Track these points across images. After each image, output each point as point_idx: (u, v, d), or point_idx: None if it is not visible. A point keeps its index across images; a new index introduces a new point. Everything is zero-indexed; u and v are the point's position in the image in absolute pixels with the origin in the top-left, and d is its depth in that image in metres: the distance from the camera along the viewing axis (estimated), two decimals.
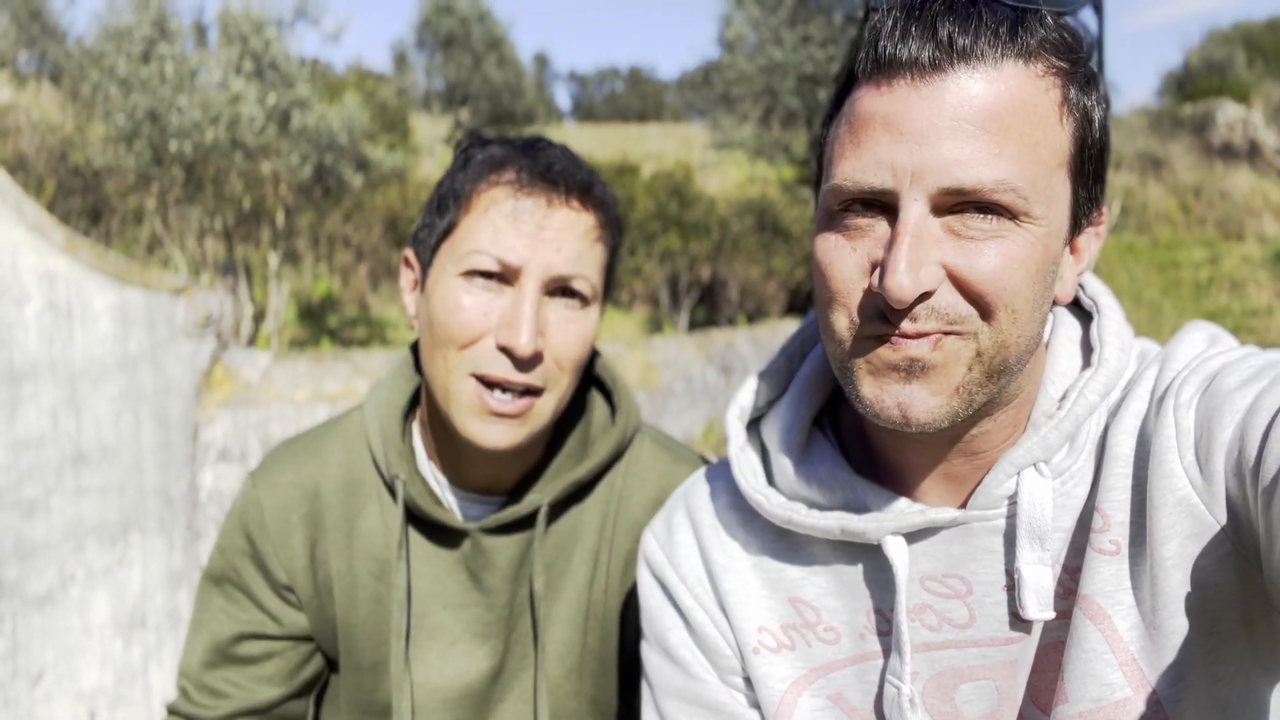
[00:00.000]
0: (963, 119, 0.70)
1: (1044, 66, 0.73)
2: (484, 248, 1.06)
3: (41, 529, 2.57)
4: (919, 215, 0.71)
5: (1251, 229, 14.82)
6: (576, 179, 1.10)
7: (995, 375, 0.75)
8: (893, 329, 0.73)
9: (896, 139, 0.71)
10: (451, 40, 19.09)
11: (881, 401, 0.75)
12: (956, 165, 0.70)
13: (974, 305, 0.73)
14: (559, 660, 1.19)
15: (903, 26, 0.72)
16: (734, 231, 12.28)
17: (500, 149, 1.12)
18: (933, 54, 0.71)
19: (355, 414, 1.26)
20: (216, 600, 1.23)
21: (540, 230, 1.06)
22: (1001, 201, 0.71)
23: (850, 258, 0.75)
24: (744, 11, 11.57)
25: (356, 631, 1.21)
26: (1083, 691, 0.76)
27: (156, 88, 7.36)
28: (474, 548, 1.17)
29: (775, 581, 0.91)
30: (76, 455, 2.62)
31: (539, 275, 1.06)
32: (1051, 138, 0.73)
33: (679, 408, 5.25)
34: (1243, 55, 23.76)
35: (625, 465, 1.23)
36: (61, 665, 2.61)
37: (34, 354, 2.55)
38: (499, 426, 1.06)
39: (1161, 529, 0.73)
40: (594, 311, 1.13)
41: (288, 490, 1.21)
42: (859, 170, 0.73)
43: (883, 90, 0.73)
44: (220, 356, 2.97)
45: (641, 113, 41.67)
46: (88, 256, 2.64)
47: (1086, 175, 0.77)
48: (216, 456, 2.93)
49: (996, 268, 0.72)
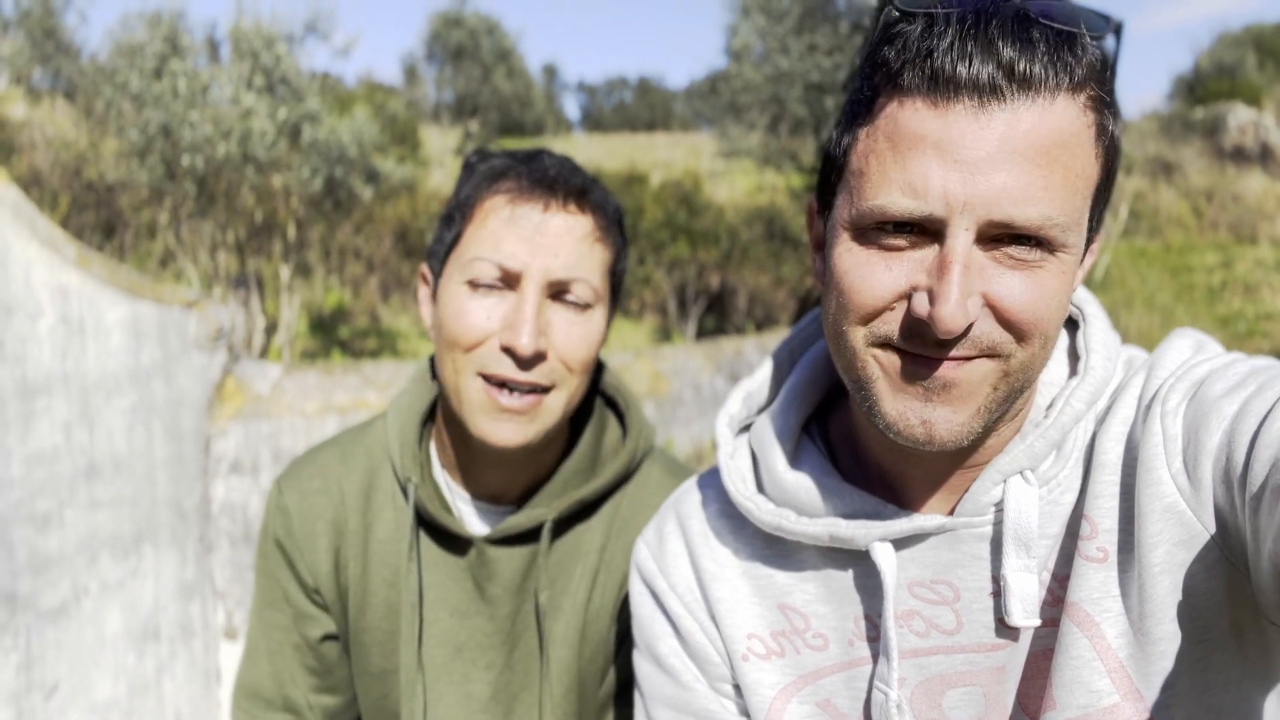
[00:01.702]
0: (1017, 151, 0.69)
1: (1087, 97, 0.72)
2: (485, 255, 1.09)
3: (55, 542, 2.59)
4: (966, 245, 0.71)
5: (1265, 232, 14.71)
6: (572, 184, 1.13)
7: (1016, 394, 0.77)
8: (925, 351, 0.73)
9: (950, 166, 0.70)
10: (461, 52, 19.20)
11: (906, 419, 0.75)
12: (1008, 200, 0.69)
13: (1010, 333, 0.73)
14: (559, 678, 1.20)
15: (960, 44, 0.69)
16: (742, 240, 12.28)
17: (500, 160, 1.16)
18: (992, 78, 0.69)
19: (379, 422, 1.29)
20: (267, 614, 1.27)
21: (538, 235, 1.09)
22: (1046, 236, 0.71)
23: (885, 276, 0.74)
24: (751, 21, 11.58)
25: (366, 637, 1.22)
26: (1071, 698, 0.77)
27: (169, 103, 7.43)
28: (479, 557, 1.19)
29: (765, 588, 0.92)
30: (89, 468, 2.65)
31: (539, 279, 1.09)
32: (1088, 169, 0.73)
33: (688, 416, 5.25)
34: (1253, 58, 23.62)
35: (632, 489, 1.25)
36: (75, 678, 2.63)
37: (47, 368, 2.58)
38: (509, 424, 1.09)
39: (1150, 536, 0.74)
40: (598, 314, 1.15)
41: (314, 498, 1.24)
42: (906, 195, 0.71)
43: (939, 110, 0.70)
44: (231, 369, 2.99)
45: (650, 122, 41.74)
46: (100, 271, 2.68)
47: (1101, 202, 0.77)
48: (228, 469, 2.96)
49: (1035, 299, 0.72)
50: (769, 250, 12.53)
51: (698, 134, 20.26)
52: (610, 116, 52.41)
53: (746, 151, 12.23)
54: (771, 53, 11.27)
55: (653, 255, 11.98)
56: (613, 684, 1.23)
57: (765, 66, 11.37)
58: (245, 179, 7.89)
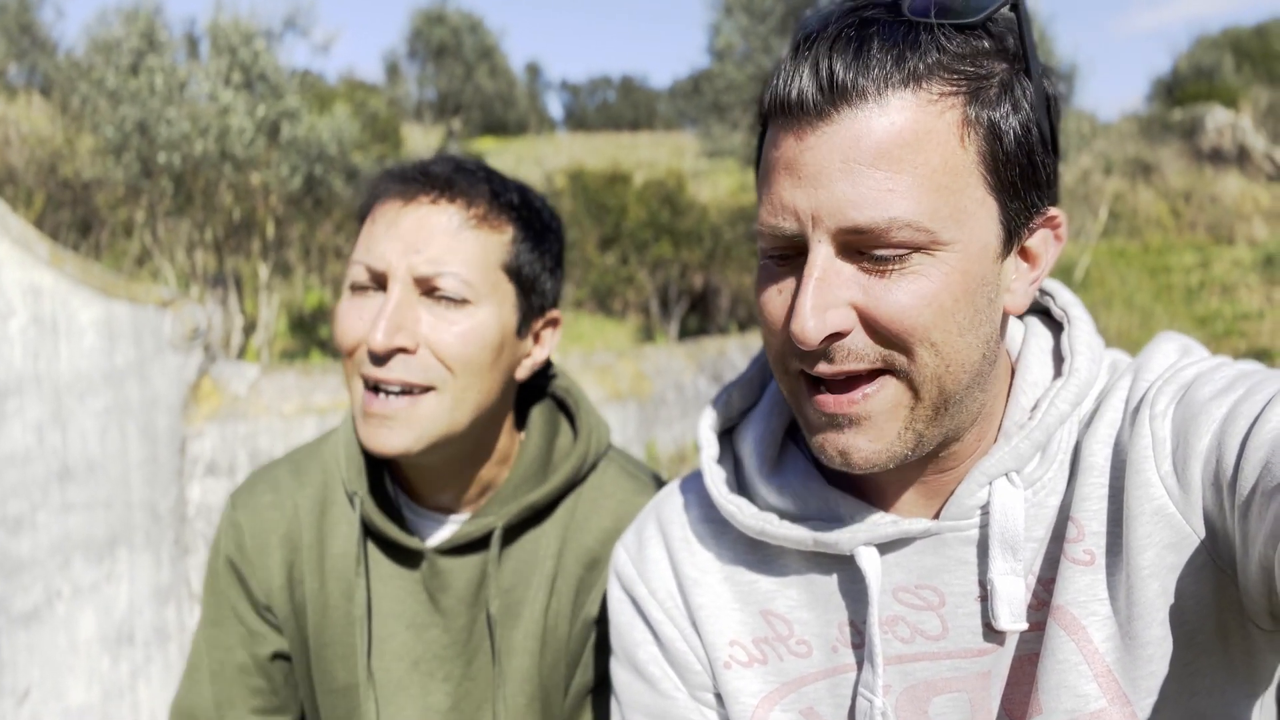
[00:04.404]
0: (853, 159, 0.70)
1: (937, 89, 0.71)
2: (358, 257, 1.09)
3: (27, 545, 2.55)
4: (825, 257, 0.72)
5: (1242, 233, 14.89)
6: (438, 176, 1.10)
7: (942, 409, 0.75)
8: (818, 370, 0.75)
9: (796, 184, 0.72)
10: (443, 50, 19.13)
11: (824, 449, 0.77)
12: (850, 206, 0.70)
13: (889, 345, 0.73)
14: (519, 689, 1.17)
15: (791, 66, 0.72)
16: (726, 240, 12.29)
17: (394, 169, 1.15)
18: (815, 96, 0.70)
19: (334, 435, 1.27)
20: (213, 633, 1.24)
21: (397, 230, 1.08)
22: (899, 239, 0.70)
23: (777, 299, 0.77)
24: (733, 20, 11.61)
25: (328, 652, 1.20)
26: (1057, 703, 0.76)
27: (146, 100, 7.35)
28: (431, 569, 1.16)
29: (747, 594, 0.90)
30: (63, 470, 2.61)
31: (402, 276, 1.07)
32: (952, 161, 0.71)
33: (670, 417, 5.24)
34: (1231, 61, 23.91)
35: (587, 490, 1.22)
36: (48, 683, 2.59)
37: (19, 369, 2.54)
38: (381, 428, 1.06)
39: (1138, 538, 0.73)
40: (481, 311, 1.09)
41: (266, 512, 1.22)
42: (770, 215, 0.74)
43: (786, 132, 0.73)
44: (208, 369, 2.96)
45: (633, 121, 41.72)
46: (73, 270, 2.63)
47: (1012, 185, 0.74)
48: (204, 470, 2.92)
49: (905, 306, 0.71)
50: (752, 250, 12.54)
51: (681, 133, 20.28)
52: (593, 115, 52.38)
53: (730, 151, 12.25)
54: (755, 52, 11.30)
55: (635, 255, 11.97)
56: (577, 691, 1.21)
57: (748, 66, 11.40)
58: (223, 176, 7.83)
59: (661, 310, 11.89)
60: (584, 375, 4.64)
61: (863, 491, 0.87)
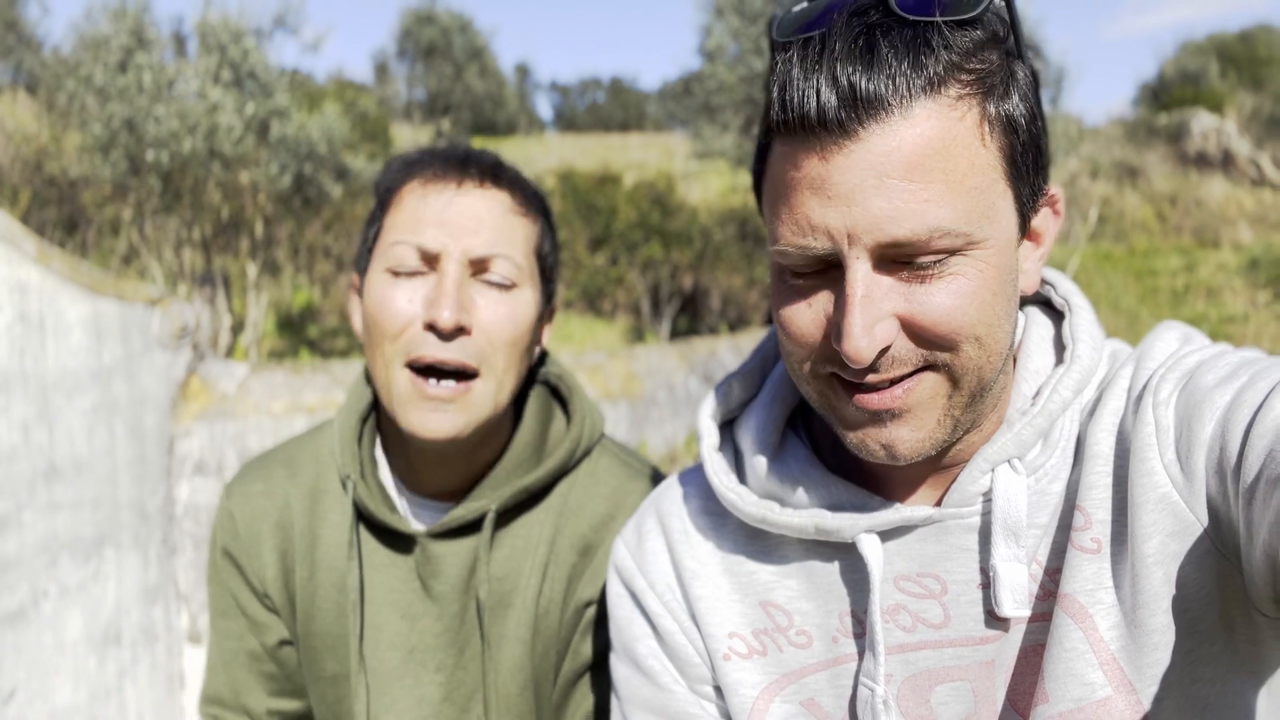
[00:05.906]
0: (885, 175, 0.69)
1: (955, 92, 0.70)
2: (404, 238, 1.08)
3: (13, 544, 2.52)
4: (865, 273, 0.71)
5: (1227, 236, 15.02)
6: (484, 162, 1.13)
7: (977, 395, 0.76)
8: (860, 379, 0.74)
9: (825, 203, 0.70)
10: (433, 50, 19.10)
11: (866, 445, 0.77)
12: (888, 221, 0.69)
13: (932, 346, 0.73)
14: (512, 677, 1.17)
15: (805, 77, 0.70)
16: (716, 240, 12.31)
17: (414, 153, 1.17)
18: (837, 113, 0.68)
19: (327, 427, 1.27)
20: (221, 624, 1.25)
21: (453, 213, 1.08)
22: (939, 246, 0.70)
23: (806, 314, 0.76)
24: (724, 22, 11.62)
25: (318, 641, 1.20)
26: (1063, 691, 0.76)
27: (134, 97, 7.31)
28: (423, 554, 1.16)
29: (747, 585, 0.90)
30: (49, 469, 2.58)
31: (458, 256, 1.07)
32: (978, 162, 0.71)
33: (661, 417, 5.24)
34: (1216, 66, 24.09)
35: (580, 477, 1.22)
36: (34, 683, 2.56)
37: (5, 366, 2.51)
38: (436, 414, 1.07)
39: (1143, 527, 0.73)
40: (524, 294, 1.12)
41: (258, 500, 1.23)
42: (797, 235, 0.72)
43: (806, 148, 0.71)
44: (196, 368, 2.93)
45: (623, 122, 41.72)
46: (60, 267, 2.61)
47: (1025, 172, 0.75)
48: (193, 469, 2.90)
49: (949, 308, 0.71)
50: (742, 251, 12.57)
51: (671, 135, 20.29)
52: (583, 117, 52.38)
53: (720, 152, 12.26)
54: (745, 54, 11.32)
55: (626, 256, 11.98)
56: (566, 678, 1.21)
57: (739, 67, 11.41)
58: (211, 175, 7.79)
59: (652, 311, 11.90)
60: (575, 375, 4.65)
61: (864, 480, 0.86)
